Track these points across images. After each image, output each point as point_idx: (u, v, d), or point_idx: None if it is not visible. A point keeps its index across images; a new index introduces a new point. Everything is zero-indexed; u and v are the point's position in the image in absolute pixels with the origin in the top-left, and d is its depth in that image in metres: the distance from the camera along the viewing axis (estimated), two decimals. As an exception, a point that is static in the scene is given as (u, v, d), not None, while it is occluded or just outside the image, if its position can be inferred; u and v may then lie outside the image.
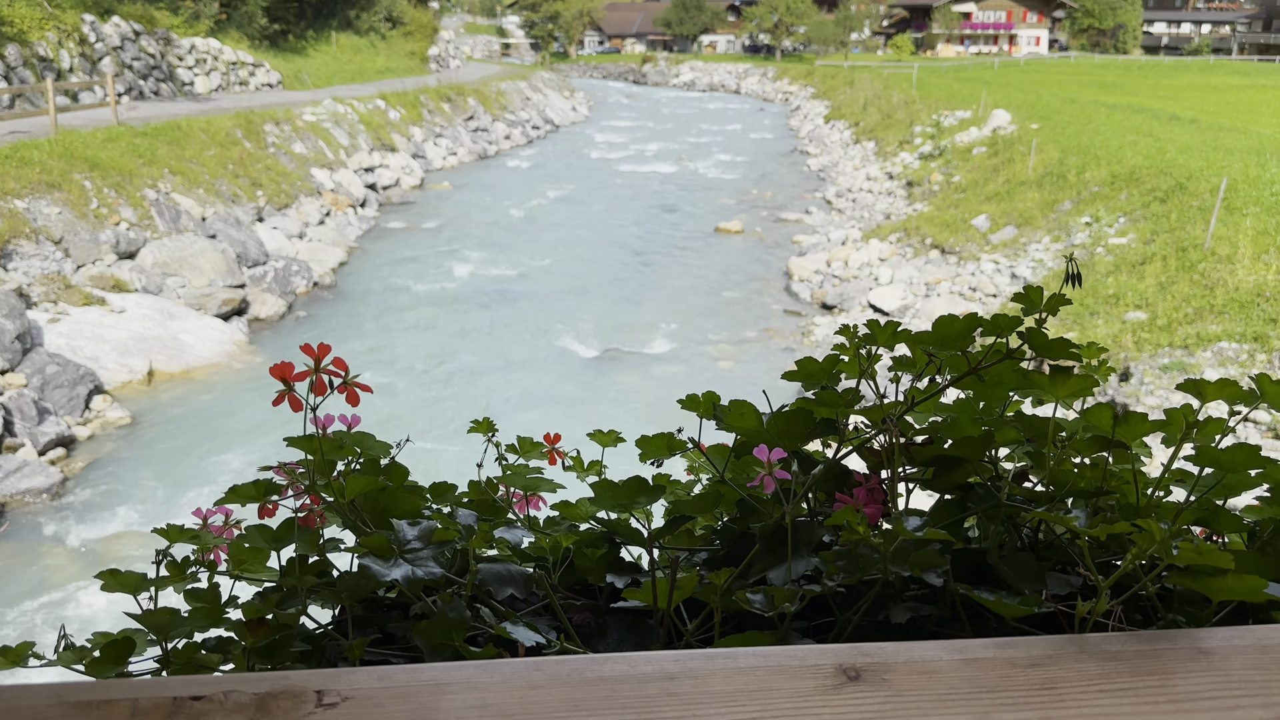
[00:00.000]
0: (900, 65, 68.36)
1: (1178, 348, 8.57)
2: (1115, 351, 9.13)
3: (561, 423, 11.02)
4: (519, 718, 0.68)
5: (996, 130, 24.94)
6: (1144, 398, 8.23)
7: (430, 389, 12.09)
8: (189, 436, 10.53)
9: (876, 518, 1.02)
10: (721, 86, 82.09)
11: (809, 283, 17.41)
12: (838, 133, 40.30)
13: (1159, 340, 8.85)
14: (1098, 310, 10.14)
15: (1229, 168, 14.45)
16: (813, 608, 1.02)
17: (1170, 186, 13.83)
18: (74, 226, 13.44)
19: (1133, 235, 12.65)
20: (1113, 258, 12.06)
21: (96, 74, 23.43)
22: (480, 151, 34.64)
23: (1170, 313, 9.31)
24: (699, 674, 0.72)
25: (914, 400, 1.09)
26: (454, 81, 40.57)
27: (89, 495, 9.23)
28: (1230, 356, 8.13)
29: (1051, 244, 14.59)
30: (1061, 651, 0.75)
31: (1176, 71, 60.99)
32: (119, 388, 11.53)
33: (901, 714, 0.68)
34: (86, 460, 9.90)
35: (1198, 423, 1.01)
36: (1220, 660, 0.73)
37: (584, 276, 18.02)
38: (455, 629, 0.90)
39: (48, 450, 9.83)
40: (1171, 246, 11.04)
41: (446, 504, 1.20)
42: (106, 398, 11.09)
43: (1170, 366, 8.30)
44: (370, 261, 18.77)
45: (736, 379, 12.69)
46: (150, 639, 1.00)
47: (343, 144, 25.13)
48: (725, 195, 27.68)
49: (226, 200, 17.48)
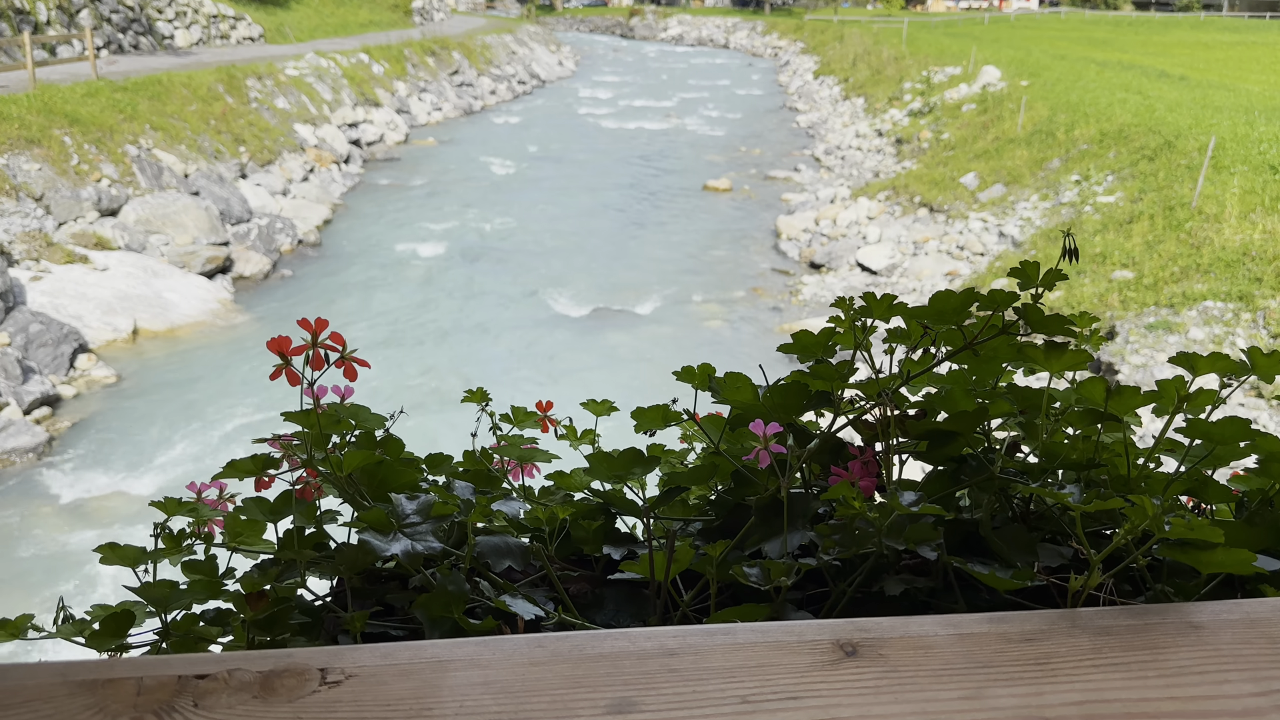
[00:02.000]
0: (890, 20, 67.59)
1: (1163, 307, 8.62)
2: (1101, 310, 9.18)
3: (552, 385, 11.04)
4: (522, 694, 0.68)
5: (986, 87, 24.78)
6: (1129, 356, 8.29)
7: (418, 350, 12.06)
8: (175, 395, 10.49)
9: (871, 491, 1.03)
10: (710, 41, 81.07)
11: (797, 241, 17.37)
12: (827, 89, 39.93)
13: (1145, 299, 8.89)
14: (1084, 269, 10.17)
15: (1217, 126, 14.42)
16: (807, 578, 1.03)
17: (1159, 145, 13.81)
18: (55, 183, 13.24)
19: (1120, 194, 12.65)
20: (1100, 216, 12.07)
21: (74, 27, 22.93)
22: (465, 107, 34.20)
23: (1156, 272, 9.34)
24: (698, 650, 0.73)
25: (909, 374, 1.10)
26: (438, 35, 39.92)
27: (76, 454, 9.21)
28: (1215, 315, 8.19)
29: (1040, 202, 14.57)
30: (1054, 626, 0.76)
31: (1167, 28, 60.52)
32: (103, 346, 11.46)
33: (898, 689, 0.69)
34: (72, 419, 9.87)
35: (1189, 395, 1.02)
36: (1210, 635, 0.75)
37: (571, 235, 17.91)
38: (455, 602, 0.90)
39: (33, 409, 9.78)
40: (1159, 205, 11.05)
41: (442, 475, 1.20)
42: (91, 356, 11.02)
43: (1155, 325, 8.35)
44: (355, 219, 18.60)
45: (725, 339, 12.71)
46: (149, 611, 1.00)
47: (326, 99, 24.76)
48: (713, 152, 27.47)
49: (209, 157, 17.24)
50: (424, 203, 20.07)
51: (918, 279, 14.04)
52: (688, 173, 24.30)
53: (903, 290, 13.76)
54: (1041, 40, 45.29)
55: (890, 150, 24.33)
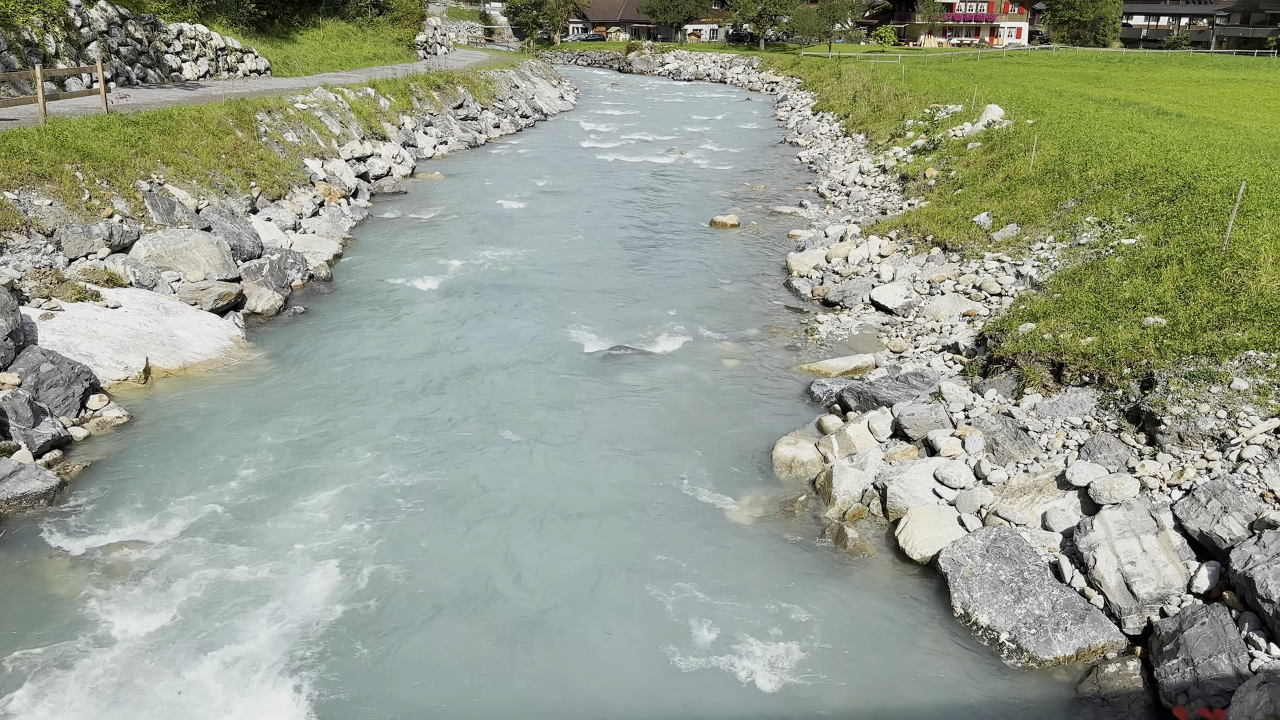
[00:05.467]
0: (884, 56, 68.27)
1: (1203, 355, 8.48)
2: (1136, 358, 9.05)
3: (569, 424, 10.84)
4: None
5: (991, 125, 24.87)
6: (1170, 406, 8.14)
7: (434, 391, 11.87)
8: (188, 437, 10.27)
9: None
10: (706, 76, 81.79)
11: (809, 279, 17.28)
12: (826, 125, 40.18)
13: (1182, 347, 8.75)
14: (1115, 314, 10.05)
15: (1236, 168, 14.41)
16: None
17: (1178, 186, 13.77)
18: (66, 219, 13.08)
19: (1142, 236, 12.58)
20: (1123, 259, 11.98)
21: (83, 59, 22.90)
22: (470, 140, 34.26)
23: (1192, 318, 9.21)
24: None
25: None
26: (443, 69, 40.08)
27: (87, 500, 8.97)
28: (1259, 365, 8.05)
29: (1056, 243, 14.51)
30: None
31: (1158, 64, 61.28)
32: (115, 386, 11.25)
33: None
34: (84, 462, 9.63)
35: None
36: None
37: (581, 270, 17.80)
38: None
39: (44, 453, 9.54)
40: (1186, 249, 10.96)
41: None
42: (103, 396, 10.81)
43: (1196, 375, 8.21)
44: (365, 254, 18.47)
45: (744, 379, 12.55)
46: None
47: (334, 133, 24.73)
48: (718, 187, 27.51)
49: (220, 191, 17.11)
50: (432, 237, 19.97)
51: (935, 319, 13.92)
52: (694, 207, 24.29)
53: (921, 330, 13.64)
54: (1035, 76, 45.76)
55: (896, 187, 24.35)
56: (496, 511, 9.03)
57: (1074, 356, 9.51)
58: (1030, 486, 8.42)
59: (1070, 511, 8.05)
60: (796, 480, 9.71)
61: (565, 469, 9.90)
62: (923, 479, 8.82)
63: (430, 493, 9.32)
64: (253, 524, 8.62)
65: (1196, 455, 7.85)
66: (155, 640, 7.09)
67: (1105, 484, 7.87)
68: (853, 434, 9.99)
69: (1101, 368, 9.19)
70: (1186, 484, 7.69)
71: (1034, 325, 10.63)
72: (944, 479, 8.72)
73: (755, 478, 9.79)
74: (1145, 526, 7.51)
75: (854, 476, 9.21)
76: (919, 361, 12.22)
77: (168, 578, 7.79)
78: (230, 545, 8.27)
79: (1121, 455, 8.30)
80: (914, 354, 12.64)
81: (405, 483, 9.49)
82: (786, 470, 9.83)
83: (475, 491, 9.39)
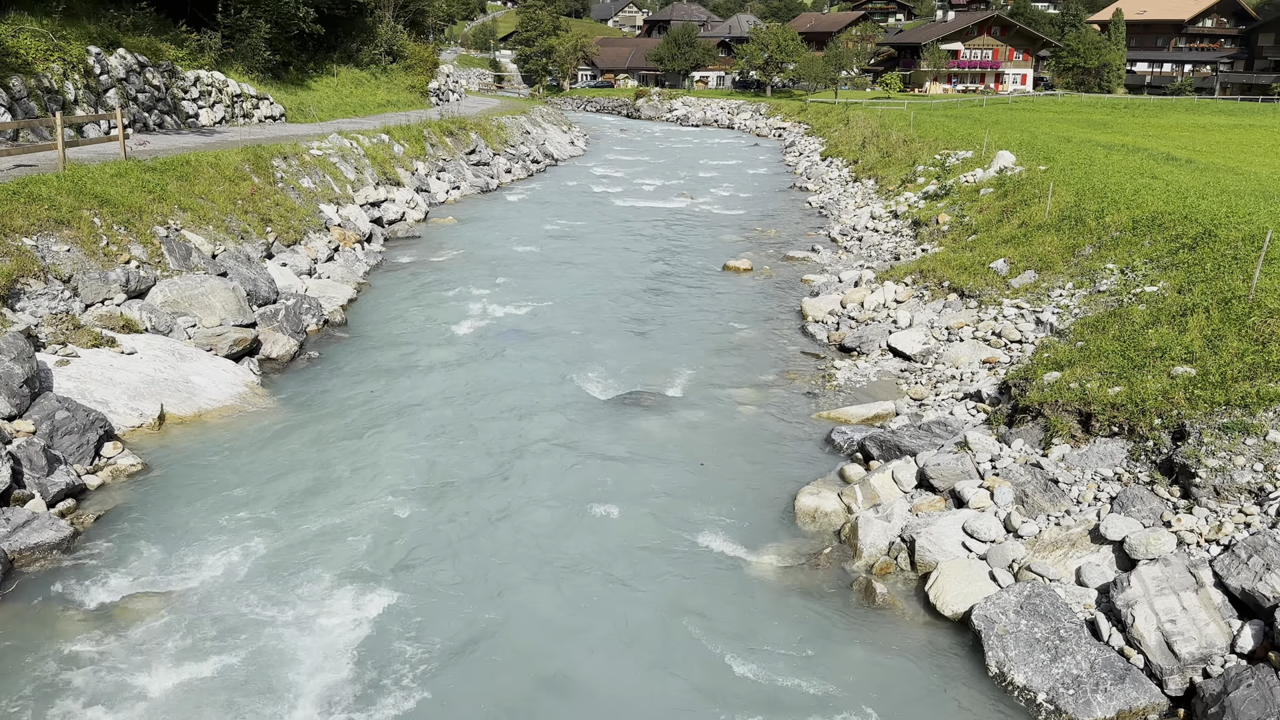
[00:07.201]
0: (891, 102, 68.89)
1: (1236, 406, 8.33)
2: (1167, 408, 8.89)
3: (585, 472, 10.69)
4: None
5: (1003, 171, 24.93)
6: (1205, 459, 7.98)
7: (449, 438, 11.74)
8: (202, 485, 10.15)
9: None
10: (714, 122, 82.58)
11: (824, 324, 17.20)
12: (835, 170, 40.39)
13: (1214, 398, 8.60)
14: (1142, 363, 9.92)
15: (1256, 215, 14.35)
16: None
17: (1198, 233, 13.70)
18: (83, 265, 13.09)
19: (1164, 283, 12.48)
20: (1146, 306, 11.87)
21: (102, 106, 23.15)
22: (482, 185, 34.48)
23: (1222, 368, 9.08)
24: None
25: None
26: (456, 115, 40.50)
27: (101, 551, 8.82)
28: (1295, 417, 7.90)
29: (1076, 290, 14.41)
30: None
31: (1163, 111, 61.66)
32: (130, 433, 11.15)
33: None
34: (98, 511, 9.50)
35: None
36: None
37: (595, 315, 17.75)
38: None
39: (57, 501, 9.42)
40: (1212, 297, 10.84)
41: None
42: (117, 444, 10.70)
43: (1230, 427, 8.05)
44: (380, 299, 18.46)
45: (763, 425, 12.41)
46: None
47: (349, 178, 24.89)
48: (729, 232, 27.57)
49: (236, 237, 17.16)
50: (446, 282, 19.97)
51: (955, 366, 13.79)
52: (707, 252, 24.31)
53: (942, 377, 13.51)
54: (1041, 123, 46.03)
55: (908, 232, 24.36)
56: (514, 563, 8.85)
57: (1102, 406, 9.36)
58: (1063, 540, 8.23)
59: (1105, 567, 7.85)
60: (820, 531, 9.52)
61: (583, 518, 9.73)
62: (951, 532, 8.63)
63: (446, 543, 9.16)
64: (267, 575, 8.46)
65: (1234, 509, 7.68)
66: (170, 697, 6.91)
67: (1141, 539, 7.69)
68: (877, 484, 9.83)
69: (1131, 418, 9.04)
70: (1225, 539, 7.50)
71: (1059, 374, 10.49)
72: (973, 532, 8.54)
73: (778, 528, 9.61)
74: (1184, 583, 7.31)
75: (880, 528, 9.02)
76: (941, 409, 12.07)
77: (182, 632, 7.62)
78: (244, 597, 8.11)
79: (1155, 508, 8.12)
80: (935, 401, 12.49)
81: (421, 532, 9.33)
82: (810, 520, 9.65)
83: (491, 542, 9.22)
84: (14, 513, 8.83)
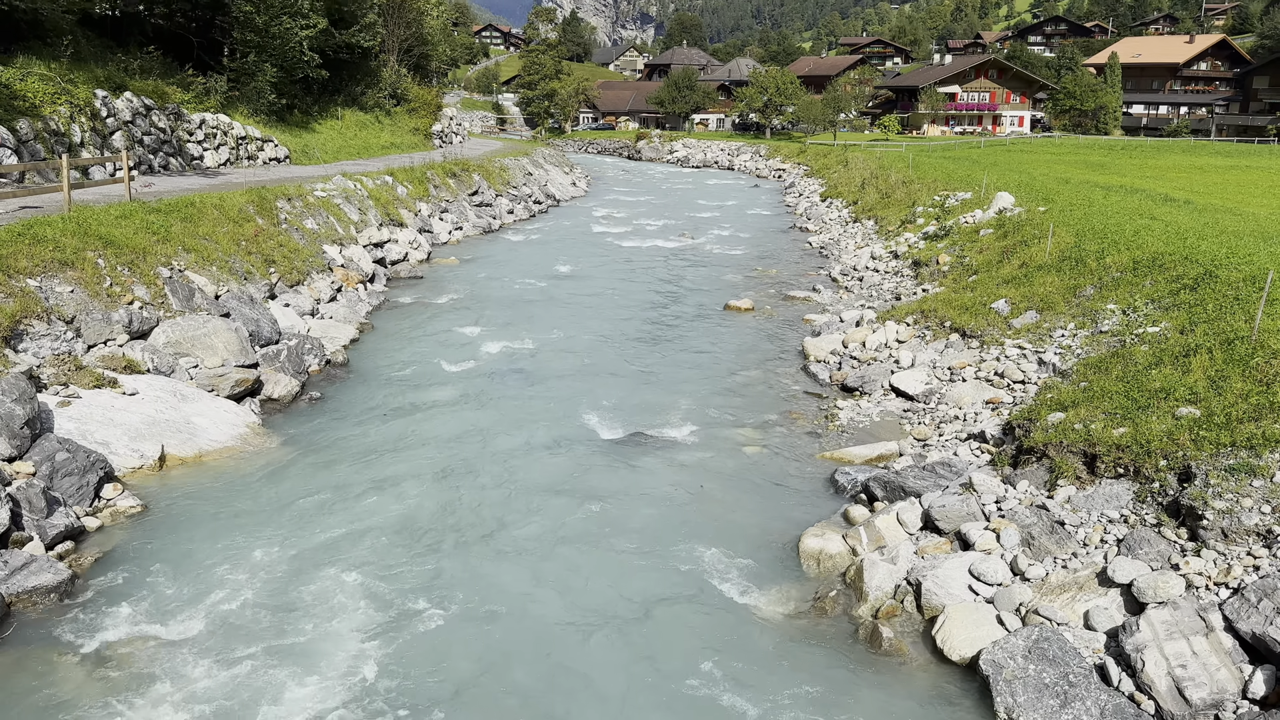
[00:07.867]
0: (889, 144, 69.49)
1: (1242, 448, 8.29)
2: (1172, 450, 8.85)
3: (587, 514, 10.61)
4: None
5: (1003, 212, 25.08)
6: (1212, 501, 7.92)
7: (451, 480, 11.68)
8: (202, 528, 10.07)
9: None
10: (715, 163, 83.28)
11: (827, 364, 17.18)
12: (835, 211, 40.65)
13: (1219, 439, 8.56)
14: (1147, 404, 9.89)
15: (1256, 255, 14.40)
16: None
17: (1199, 274, 13.73)
18: (87, 306, 13.12)
19: (1166, 324, 12.49)
20: (1148, 347, 11.86)
21: (108, 148, 23.37)
22: (485, 226, 34.69)
23: (1227, 409, 9.05)
24: None
25: None
26: (459, 157, 40.86)
27: (99, 594, 8.74)
28: (1302, 459, 7.85)
29: (1077, 330, 14.42)
30: None
31: (1160, 152, 62.14)
32: (130, 474, 11.10)
33: None
34: (97, 554, 9.42)
35: None
36: None
37: (598, 355, 17.76)
38: None
39: (56, 544, 9.35)
40: (1215, 338, 10.84)
41: None
42: (117, 485, 10.64)
43: (1237, 468, 8.00)
44: (382, 339, 18.49)
45: (765, 466, 12.35)
46: None
47: (353, 219, 25.05)
48: (730, 272, 27.67)
49: (240, 278, 17.22)
50: (448, 322, 20.01)
51: (958, 406, 13.75)
52: (708, 292, 24.38)
53: (945, 418, 13.47)
54: (1039, 164, 46.38)
55: (908, 273, 24.44)
56: (516, 607, 8.76)
57: (1107, 447, 9.31)
58: (1070, 583, 8.14)
59: (1113, 610, 7.76)
60: (824, 574, 9.43)
61: (585, 561, 9.65)
62: (958, 575, 8.55)
63: (448, 586, 9.07)
64: (267, 620, 8.37)
65: (1242, 552, 7.60)
66: (165, 746, 6.80)
67: (1149, 582, 7.61)
68: (881, 525, 9.75)
69: (1136, 459, 8.99)
70: (1234, 582, 7.42)
71: (1063, 415, 10.45)
72: (980, 575, 8.45)
73: (782, 570, 9.52)
74: (1194, 627, 7.22)
75: (886, 571, 8.94)
76: (945, 450, 12.01)
77: (180, 677, 7.52)
78: (243, 642, 8.02)
79: (1163, 551, 8.05)
80: (939, 442, 12.44)
81: (423, 576, 9.24)
82: (814, 563, 9.56)
83: (494, 587, 9.13)
84: (12, 555, 8.76)
